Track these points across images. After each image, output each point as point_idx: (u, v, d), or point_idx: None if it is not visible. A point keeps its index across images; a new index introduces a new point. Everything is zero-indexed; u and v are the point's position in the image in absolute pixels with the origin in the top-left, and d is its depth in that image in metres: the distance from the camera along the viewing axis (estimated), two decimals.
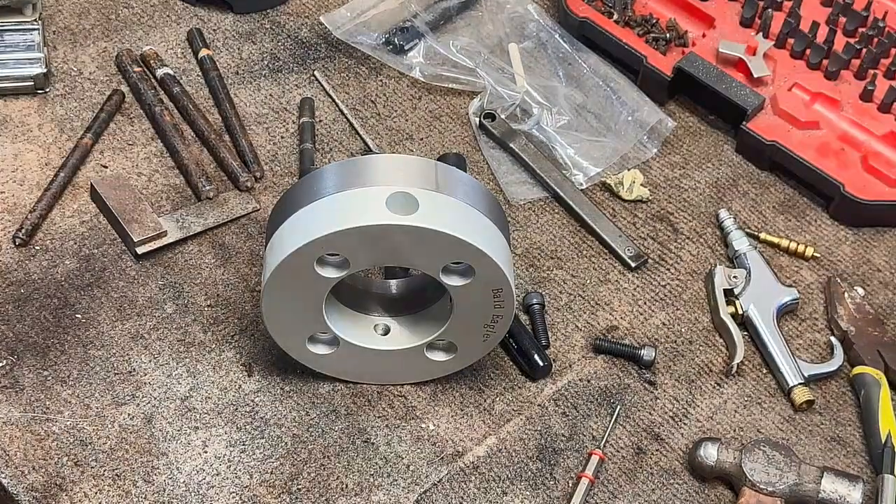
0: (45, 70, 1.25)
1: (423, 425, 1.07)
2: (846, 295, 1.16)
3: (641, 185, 1.23)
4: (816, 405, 1.10)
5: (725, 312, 1.14)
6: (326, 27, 1.33)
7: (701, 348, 1.14)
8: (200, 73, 1.30)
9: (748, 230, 1.21)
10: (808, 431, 1.09)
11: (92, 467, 1.02)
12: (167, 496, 1.01)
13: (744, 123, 1.25)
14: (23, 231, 1.14)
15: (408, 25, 1.33)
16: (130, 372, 1.08)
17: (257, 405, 1.07)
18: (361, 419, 1.07)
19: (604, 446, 1.06)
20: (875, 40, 1.29)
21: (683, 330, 1.15)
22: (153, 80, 1.28)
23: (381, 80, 1.32)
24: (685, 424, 1.08)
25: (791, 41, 1.29)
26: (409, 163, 1.00)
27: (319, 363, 1.06)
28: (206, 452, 1.03)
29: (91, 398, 1.06)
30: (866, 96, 1.25)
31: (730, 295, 1.15)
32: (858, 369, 1.11)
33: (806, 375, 1.10)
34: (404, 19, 1.34)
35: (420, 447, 1.05)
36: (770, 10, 1.31)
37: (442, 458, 1.05)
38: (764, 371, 1.12)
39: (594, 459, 1.04)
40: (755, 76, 1.26)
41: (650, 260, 1.19)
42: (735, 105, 1.25)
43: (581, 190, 1.23)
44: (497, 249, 0.96)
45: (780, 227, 1.22)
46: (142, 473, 1.02)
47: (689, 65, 1.27)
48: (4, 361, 1.07)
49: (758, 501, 1.01)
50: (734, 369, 1.11)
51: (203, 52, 1.30)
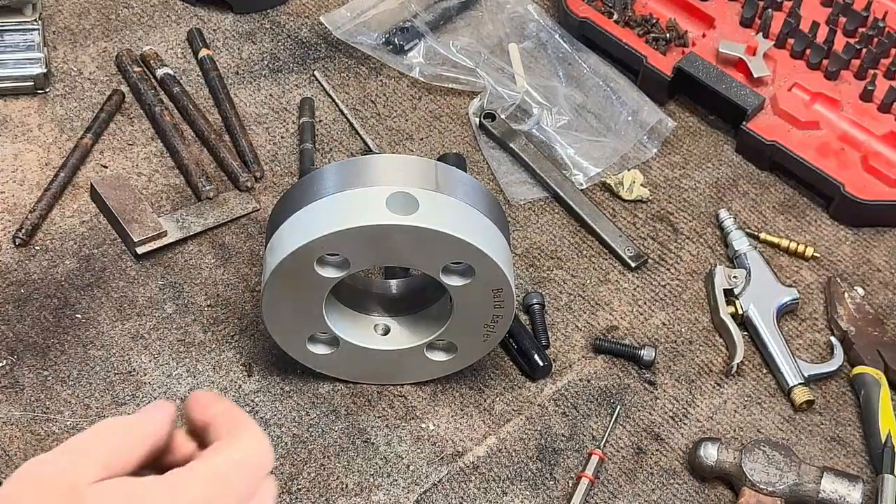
0: (45, 70, 1.25)
1: (423, 425, 1.07)
2: (846, 295, 1.16)
3: (641, 185, 1.23)
4: (816, 405, 1.10)
5: (725, 312, 1.14)
6: (326, 27, 1.33)
7: (701, 348, 1.14)
8: (200, 73, 1.30)
9: (748, 230, 1.21)
10: (808, 431, 1.09)
11: None
12: None
13: (744, 123, 1.25)
14: (23, 231, 1.14)
15: (408, 25, 1.33)
16: (130, 372, 1.08)
17: (257, 405, 1.07)
18: (361, 419, 1.07)
19: (604, 446, 1.06)
20: (875, 40, 1.29)
21: (683, 330, 1.15)
22: (153, 80, 1.28)
23: (381, 80, 1.32)
24: (685, 424, 1.08)
25: (791, 41, 1.29)
26: (409, 163, 1.00)
27: (319, 363, 1.06)
28: None
29: (91, 398, 1.06)
30: (866, 96, 1.25)
31: (730, 295, 1.15)
32: (858, 369, 1.11)
33: (806, 375, 1.10)
34: (404, 19, 1.34)
35: (420, 447, 1.05)
36: (770, 10, 1.31)
37: (442, 458, 1.05)
38: (764, 371, 1.12)
39: (594, 459, 1.04)
40: (755, 76, 1.26)
41: (650, 260, 1.19)
42: (735, 105, 1.25)
43: (581, 190, 1.23)
44: (497, 249, 0.96)
45: (780, 227, 1.22)
46: None
47: (689, 65, 1.27)
48: (4, 361, 1.07)
49: (758, 501, 1.01)
50: (734, 369, 1.11)
51: (203, 52, 1.30)
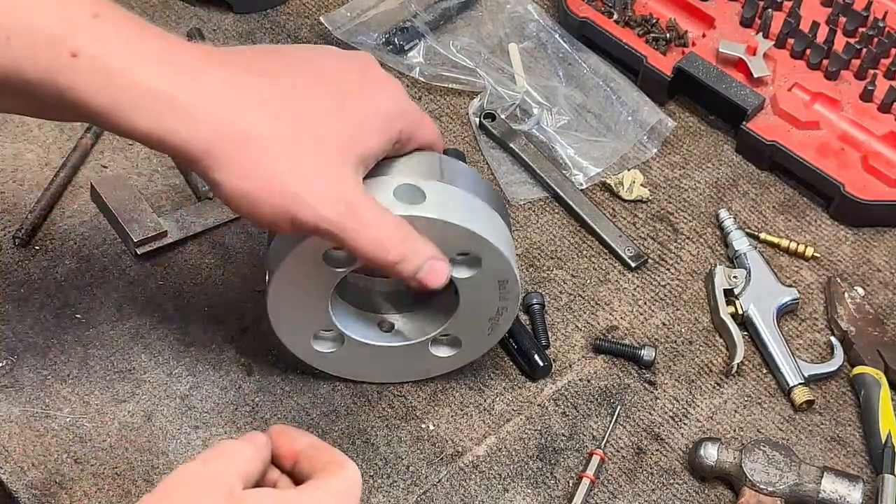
0: None
1: (423, 425, 1.07)
2: (846, 295, 1.16)
3: (641, 185, 1.23)
4: (816, 405, 1.10)
5: (725, 312, 1.14)
6: (326, 27, 1.33)
7: (701, 348, 1.14)
8: None
9: (748, 230, 1.21)
10: (808, 431, 1.09)
11: (92, 465, 1.02)
12: None
13: (744, 123, 1.25)
14: (23, 231, 1.14)
15: (408, 25, 1.33)
16: (130, 370, 1.08)
17: (257, 405, 1.07)
18: (361, 419, 1.07)
19: (604, 446, 1.06)
20: (875, 40, 1.29)
21: (683, 330, 1.15)
22: None
23: None
24: (685, 424, 1.08)
25: (791, 41, 1.29)
26: (413, 155, 1.00)
27: (323, 362, 1.06)
28: None
29: (91, 395, 1.06)
30: (866, 96, 1.25)
31: (730, 295, 1.15)
32: (858, 369, 1.11)
33: (806, 375, 1.10)
34: (404, 19, 1.34)
35: (420, 447, 1.05)
36: (770, 10, 1.31)
37: (442, 459, 1.05)
38: (764, 371, 1.12)
39: (595, 460, 1.04)
40: (755, 76, 1.26)
41: (650, 260, 1.19)
42: (735, 105, 1.25)
43: (581, 190, 1.23)
44: (503, 241, 0.96)
45: (780, 227, 1.22)
46: (141, 472, 1.02)
47: (689, 65, 1.27)
48: (4, 361, 1.07)
49: (758, 501, 1.01)
50: (734, 369, 1.11)
51: None
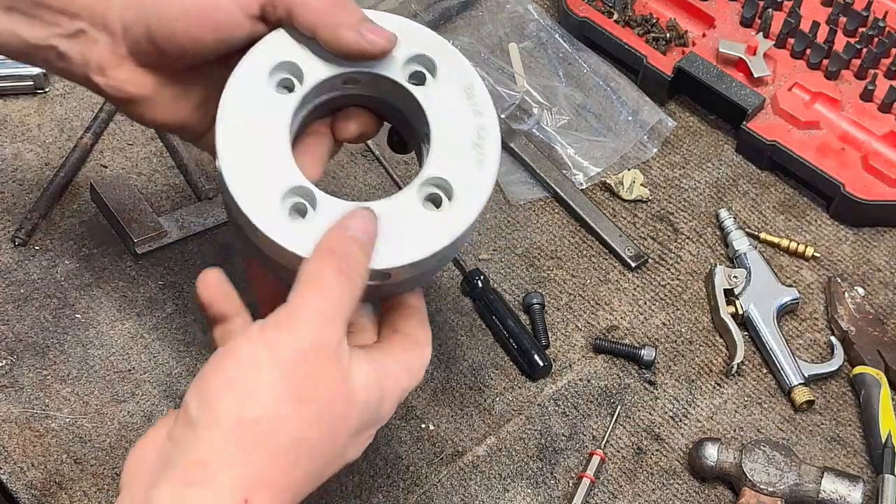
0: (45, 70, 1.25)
1: (423, 425, 1.07)
2: (846, 295, 1.16)
3: (641, 185, 1.23)
4: (816, 405, 1.10)
5: (726, 312, 1.14)
6: None
7: (701, 348, 1.14)
8: None
9: (748, 230, 1.21)
10: (809, 431, 1.08)
11: (91, 465, 1.02)
12: None
13: (744, 123, 1.25)
14: (22, 231, 1.14)
15: None
16: (130, 370, 1.08)
17: None
18: None
19: (604, 446, 1.06)
20: (875, 40, 1.29)
21: (683, 330, 1.15)
22: None
23: None
24: (685, 424, 1.08)
25: (791, 41, 1.29)
26: None
27: (298, 240, 0.81)
28: None
29: (90, 395, 1.06)
30: (867, 96, 1.25)
31: (730, 295, 1.15)
32: (859, 369, 1.11)
33: (806, 375, 1.10)
34: None
35: (420, 447, 1.05)
36: (770, 10, 1.31)
37: (442, 459, 1.05)
38: (764, 371, 1.12)
39: (595, 460, 1.04)
40: (755, 76, 1.26)
41: (650, 260, 1.19)
42: (735, 105, 1.25)
43: (581, 190, 1.23)
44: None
45: (781, 227, 1.22)
46: None
47: (690, 65, 1.27)
48: (4, 361, 1.07)
49: (758, 501, 1.01)
50: (734, 369, 1.11)
51: None
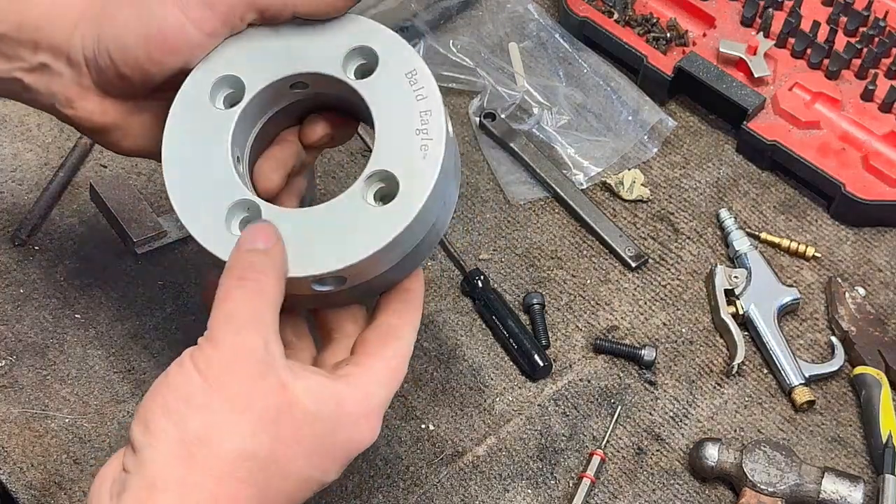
0: None
1: (423, 425, 1.07)
2: (847, 295, 1.16)
3: (642, 185, 1.23)
4: (817, 405, 1.10)
5: (726, 312, 1.13)
6: None
7: (701, 348, 1.13)
8: None
9: (749, 230, 1.20)
10: (809, 432, 1.08)
11: (91, 465, 1.02)
12: None
13: (744, 123, 1.25)
14: (22, 231, 1.14)
15: (408, 25, 1.33)
16: (130, 370, 1.07)
17: None
18: None
19: (604, 446, 1.06)
20: (876, 40, 1.28)
21: (684, 330, 1.15)
22: None
23: None
24: (685, 424, 1.08)
25: (792, 41, 1.29)
26: None
27: None
28: None
29: (90, 395, 1.06)
30: (867, 96, 1.25)
31: (730, 295, 1.15)
32: (859, 369, 1.11)
33: (807, 375, 1.10)
34: (404, 18, 1.34)
35: (420, 447, 1.05)
36: (771, 10, 1.31)
37: (442, 459, 1.05)
38: (764, 371, 1.12)
39: (595, 460, 1.04)
40: (756, 76, 1.26)
41: (650, 260, 1.19)
42: (735, 105, 1.25)
43: (581, 190, 1.23)
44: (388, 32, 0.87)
45: (781, 227, 1.22)
46: None
47: (690, 64, 1.27)
48: (4, 361, 1.07)
49: (758, 502, 1.01)
50: (735, 369, 1.11)
51: None
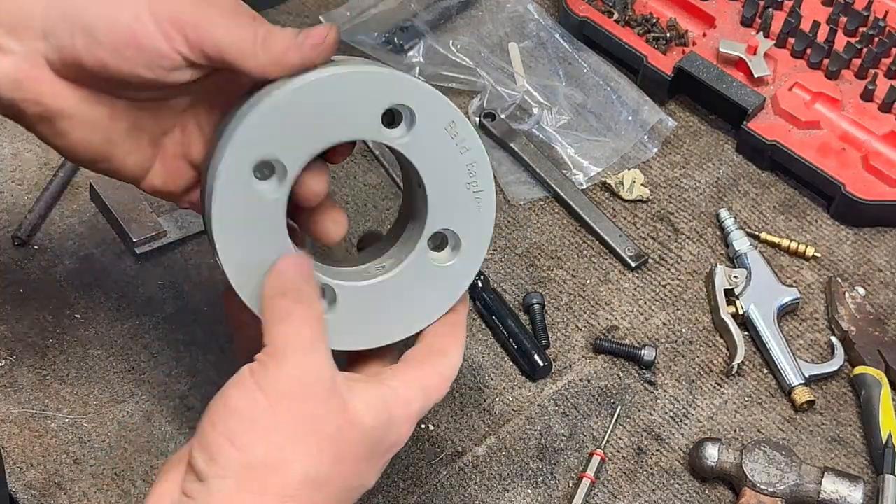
0: None
1: (423, 425, 1.07)
2: (847, 295, 1.16)
3: (642, 185, 1.23)
4: (817, 405, 1.10)
5: (726, 312, 1.13)
6: None
7: (701, 348, 1.13)
8: None
9: (748, 230, 1.20)
10: (809, 432, 1.08)
11: (91, 465, 1.02)
12: None
13: (744, 123, 1.25)
14: (22, 231, 1.14)
15: (408, 25, 1.33)
16: (129, 370, 1.07)
17: None
18: None
19: (604, 446, 1.06)
20: (876, 40, 1.28)
21: (684, 330, 1.15)
22: None
23: None
24: (685, 424, 1.08)
25: (792, 41, 1.29)
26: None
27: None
28: None
29: (90, 396, 1.06)
30: (867, 96, 1.25)
31: (730, 295, 1.15)
32: (859, 369, 1.10)
33: (807, 375, 1.10)
34: (404, 18, 1.34)
35: (420, 447, 1.05)
36: (771, 10, 1.31)
37: (442, 459, 1.05)
38: (764, 371, 1.12)
39: (595, 460, 1.04)
40: (756, 76, 1.26)
41: (650, 260, 1.19)
42: (735, 105, 1.25)
43: (581, 190, 1.23)
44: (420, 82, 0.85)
45: (781, 227, 1.22)
46: (141, 473, 1.02)
47: (690, 64, 1.27)
48: (3, 361, 1.07)
49: (758, 502, 1.01)
50: (735, 369, 1.11)
51: None
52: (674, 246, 1.20)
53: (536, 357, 1.09)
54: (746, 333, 1.14)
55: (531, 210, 1.22)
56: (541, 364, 1.09)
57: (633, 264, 1.18)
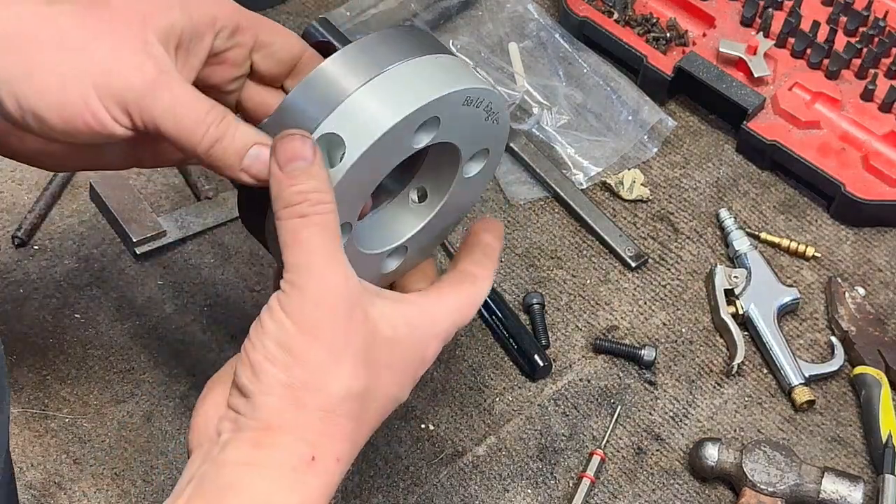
0: None
1: (423, 425, 1.07)
2: (847, 295, 1.16)
3: (642, 185, 1.23)
4: (817, 405, 1.10)
5: (726, 312, 1.13)
6: None
7: (701, 348, 1.13)
8: None
9: (748, 230, 1.20)
10: (809, 431, 1.08)
11: (91, 465, 1.02)
12: (166, 496, 1.00)
13: (744, 123, 1.25)
14: (22, 231, 1.14)
15: (407, 24, 1.33)
16: (129, 370, 1.07)
17: None
18: None
19: (604, 446, 1.06)
20: (876, 40, 1.28)
21: (684, 330, 1.14)
22: None
23: None
24: (685, 424, 1.08)
25: (792, 40, 1.29)
26: (404, 37, 0.82)
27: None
28: None
29: (90, 395, 1.06)
30: (867, 96, 1.25)
31: (730, 295, 1.15)
32: (859, 369, 1.10)
33: (807, 375, 1.10)
34: (404, 18, 1.34)
35: (420, 447, 1.05)
36: (771, 10, 1.31)
37: (442, 459, 1.05)
38: (764, 371, 1.12)
39: (595, 460, 1.04)
40: (756, 76, 1.26)
41: (650, 260, 1.19)
42: (735, 105, 1.25)
43: (581, 189, 1.23)
44: (451, 75, 0.81)
45: (781, 227, 1.22)
46: (141, 472, 1.02)
47: (690, 64, 1.27)
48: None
49: (758, 502, 1.01)
50: (735, 369, 1.11)
51: None
52: (674, 246, 1.20)
53: (536, 357, 1.09)
54: (746, 333, 1.14)
55: (531, 210, 1.22)
56: (541, 364, 1.09)
57: (633, 264, 1.18)
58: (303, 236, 0.72)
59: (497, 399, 1.09)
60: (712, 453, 1.03)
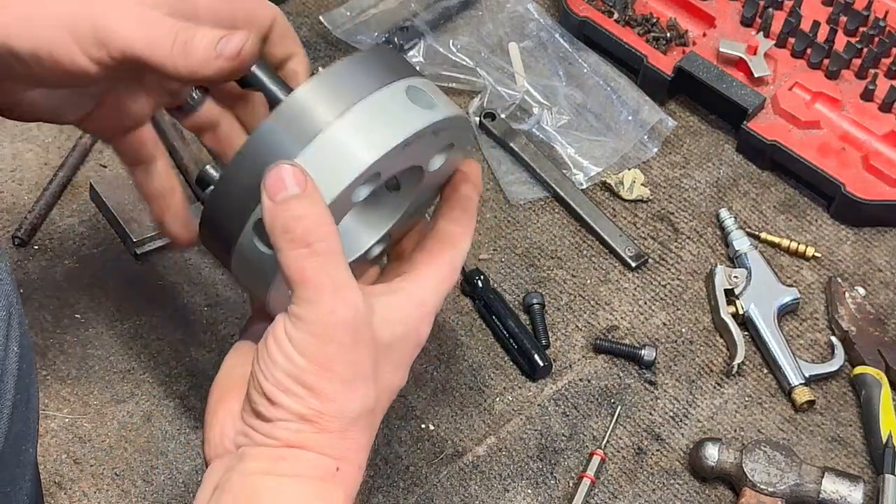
0: None
1: (423, 425, 1.07)
2: (847, 295, 1.16)
3: (642, 185, 1.23)
4: (817, 405, 1.10)
5: (726, 312, 1.13)
6: (326, 26, 1.33)
7: (701, 348, 1.13)
8: None
9: (749, 230, 1.20)
10: (809, 431, 1.08)
11: (91, 465, 1.02)
12: (166, 496, 1.01)
13: (744, 123, 1.25)
14: (22, 231, 1.14)
15: (408, 25, 1.33)
16: (129, 370, 1.07)
17: None
18: None
19: (604, 446, 1.06)
20: (876, 39, 1.29)
21: (684, 330, 1.14)
22: None
23: None
24: (685, 424, 1.08)
25: (792, 40, 1.29)
26: (372, 59, 0.78)
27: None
28: None
29: (90, 396, 1.06)
30: (867, 96, 1.25)
31: (730, 295, 1.15)
32: (859, 369, 1.10)
33: (807, 375, 1.10)
34: (404, 18, 1.34)
35: (420, 447, 1.05)
36: (771, 10, 1.31)
37: (442, 459, 1.05)
38: (764, 371, 1.12)
39: (595, 460, 1.04)
40: (756, 76, 1.26)
41: (650, 260, 1.19)
42: (735, 104, 1.25)
43: (581, 189, 1.23)
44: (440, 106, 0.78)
45: (781, 227, 1.22)
46: (141, 472, 1.02)
47: (690, 64, 1.27)
48: None
49: (758, 502, 1.01)
50: (735, 369, 1.11)
51: None
52: (674, 246, 1.20)
53: (536, 357, 1.09)
54: (746, 333, 1.14)
55: (531, 210, 1.22)
56: (541, 364, 1.09)
57: (633, 264, 1.18)
58: (309, 274, 0.71)
59: (497, 399, 1.09)
60: (712, 453, 1.03)
